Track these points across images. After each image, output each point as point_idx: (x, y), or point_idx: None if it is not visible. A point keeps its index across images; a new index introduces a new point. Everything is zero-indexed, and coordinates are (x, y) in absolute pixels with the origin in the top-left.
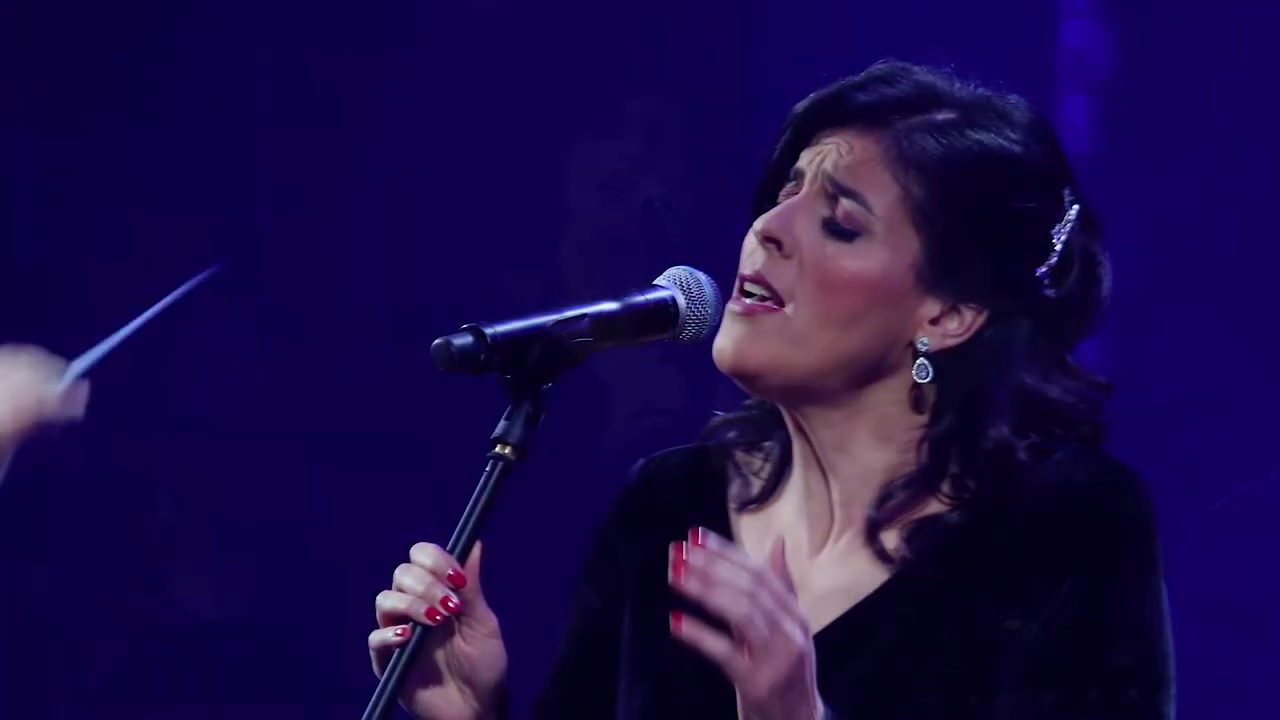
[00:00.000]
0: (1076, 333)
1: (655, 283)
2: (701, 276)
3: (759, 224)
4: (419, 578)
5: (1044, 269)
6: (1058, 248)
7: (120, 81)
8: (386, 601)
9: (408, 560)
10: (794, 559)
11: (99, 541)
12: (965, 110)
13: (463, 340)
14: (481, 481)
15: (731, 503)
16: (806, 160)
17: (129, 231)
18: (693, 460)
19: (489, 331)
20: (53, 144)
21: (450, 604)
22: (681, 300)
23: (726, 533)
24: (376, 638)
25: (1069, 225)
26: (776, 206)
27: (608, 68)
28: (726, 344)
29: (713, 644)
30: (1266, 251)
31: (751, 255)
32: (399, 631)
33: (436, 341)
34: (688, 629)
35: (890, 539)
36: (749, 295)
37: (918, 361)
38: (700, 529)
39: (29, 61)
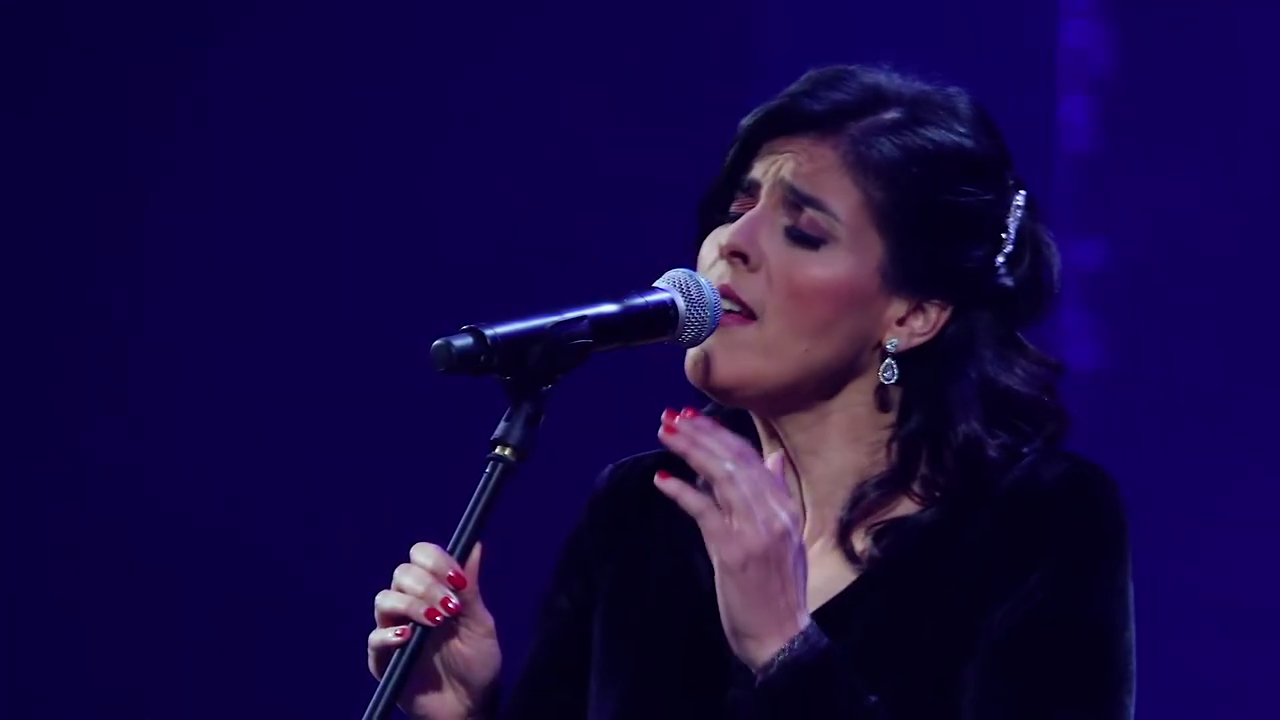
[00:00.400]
0: (1031, 317)
1: (655, 285)
2: (701, 279)
3: (723, 238)
4: (419, 578)
5: (1001, 258)
6: (1012, 235)
7: (120, 81)
8: (386, 602)
9: (408, 560)
10: None
11: (98, 543)
12: (911, 108)
13: (462, 341)
14: (481, 483)
15: None
16: (761, 171)
17: (129, 231)
18: (661, 465)
19: (489, 333)
20: (53, 143)
21: (450, 605)
22: (681, 303)
23: (696, 539)
24: (376, 638)
25: (1019, 212)
26: (733, 219)
27: (607, 68)
28: (699, 359)
29: (691, 498)
30: (1266, 251)
31: (713, 268)
32: (398, 632)
33: (436, 343)
34: (670, 484)
35: (862, 540)
36: None
37: (884, 363)
38: (694, 408)
39: (28, 61)
